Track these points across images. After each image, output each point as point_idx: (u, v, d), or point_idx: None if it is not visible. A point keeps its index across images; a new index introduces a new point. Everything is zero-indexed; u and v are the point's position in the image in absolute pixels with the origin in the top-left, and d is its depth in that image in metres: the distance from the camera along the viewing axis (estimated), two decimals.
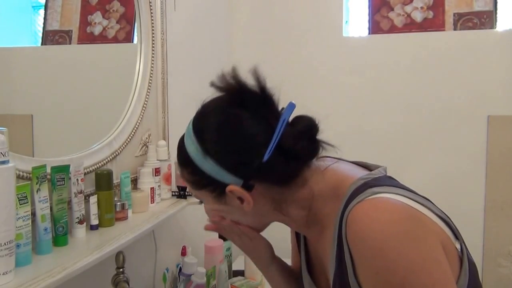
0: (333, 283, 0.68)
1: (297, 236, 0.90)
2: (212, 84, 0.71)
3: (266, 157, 0.66)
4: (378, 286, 0.59)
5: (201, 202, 0.80)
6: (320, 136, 0.71)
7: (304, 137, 0.68)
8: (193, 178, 0.72)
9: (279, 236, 1.02)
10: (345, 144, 0.77)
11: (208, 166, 0.69)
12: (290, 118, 0.69)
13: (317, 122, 0.70)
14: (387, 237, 0.58)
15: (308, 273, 0.84)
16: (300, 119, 0.70)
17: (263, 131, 0.67)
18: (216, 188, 0.70)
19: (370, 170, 0.73)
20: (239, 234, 0.84)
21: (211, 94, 0.73)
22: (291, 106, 0.68)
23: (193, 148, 0.70)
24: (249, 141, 0.68)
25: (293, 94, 0.80)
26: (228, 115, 0.70)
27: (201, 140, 0.69)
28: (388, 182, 0.68)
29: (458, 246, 0.64)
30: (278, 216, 0.75)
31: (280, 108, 0.71)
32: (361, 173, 0.71)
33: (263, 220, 0.79)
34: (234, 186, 0.68)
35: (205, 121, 0.71)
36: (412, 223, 0.60)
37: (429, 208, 0.64)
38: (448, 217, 0.66)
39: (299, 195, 0.71)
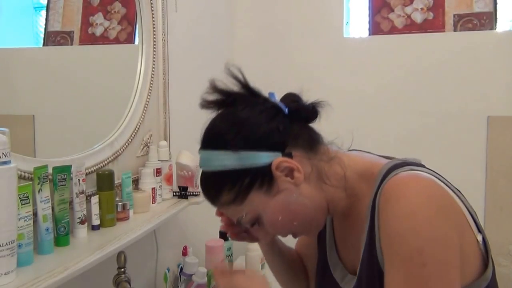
0: (363, 256, 0.69)
1: None
2: (202, 106, 0.73)
3: (286, 110, 0.71)
4: (395, 247, 0.61)
5: (252, 225, 0.73)
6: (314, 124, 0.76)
7: (298, 100, 0.74)
8: (237, 190, 0.69)
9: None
10: (345, 144, 0.78)
11: (245, 158, 0.68)
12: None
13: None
14: (420, 205, 0.60)
15: (337, 254, 0.83)
16: (286, 95, 0.76)
17: (266, 108, 0.71)
18: (263, 179, 0.69)
19: None
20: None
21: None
22: (272, 93, 0.74)
23: (219, 159, 0.69)
24: (263, 117, 0.70)
25: None
26: (231, 112, 0.72)
27: (224, 144, 0.69)
28: (424, 167, 0.70)
29: (480, 238, 0.66)
30: (326, 191, 0.72)
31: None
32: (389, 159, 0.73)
33: (317, 201, 0.72)
34: (278, 158, 0.68)
35: (215, 130, 0.72)
36: (444, 202, 0.63)
37: (460, 198, 0.66)
38: (474, 212, 0.68)
39: (333, 169, 0.72)
